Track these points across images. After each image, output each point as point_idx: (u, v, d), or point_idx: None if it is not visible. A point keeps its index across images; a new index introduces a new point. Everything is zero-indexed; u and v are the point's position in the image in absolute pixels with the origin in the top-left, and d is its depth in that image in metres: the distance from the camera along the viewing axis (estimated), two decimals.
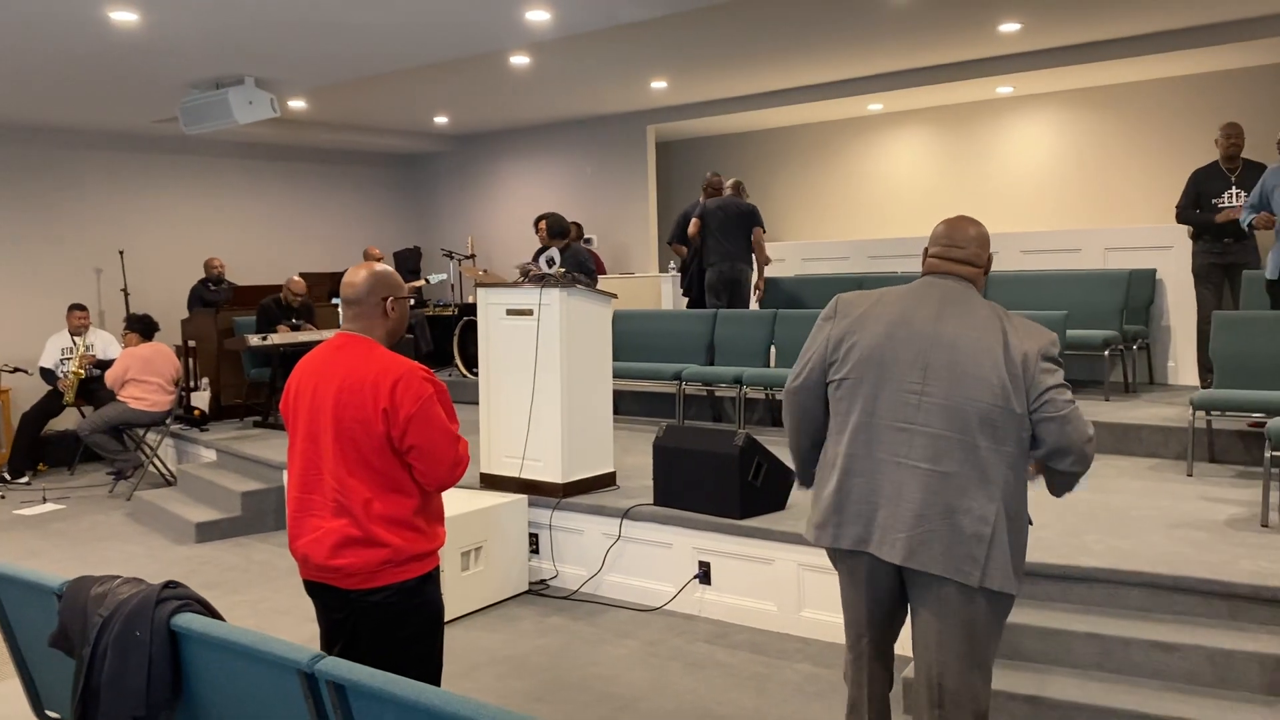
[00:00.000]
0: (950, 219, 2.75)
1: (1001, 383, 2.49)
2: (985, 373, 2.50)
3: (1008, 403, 2.49)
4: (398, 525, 2.68)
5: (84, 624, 2.46)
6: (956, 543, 2.49)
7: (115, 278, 10.35)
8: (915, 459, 2.54)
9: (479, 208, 12.54)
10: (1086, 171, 9.92)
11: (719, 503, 4.88)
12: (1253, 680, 3.40)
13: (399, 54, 6.98)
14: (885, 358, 2.59)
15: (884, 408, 2.58)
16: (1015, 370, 2.50)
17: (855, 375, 2.63)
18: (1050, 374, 2.53)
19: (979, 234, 2.71)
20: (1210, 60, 8.67)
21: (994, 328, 2.56)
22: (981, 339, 2.54)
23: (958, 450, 2.50)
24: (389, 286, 2.79)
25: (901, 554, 2.53)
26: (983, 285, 2.72)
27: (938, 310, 2.61)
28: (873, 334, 2.63)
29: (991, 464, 2.50)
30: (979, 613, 2.54)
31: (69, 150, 10.13)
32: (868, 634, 2.74)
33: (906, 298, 2.66)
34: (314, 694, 2.04)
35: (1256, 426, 5.56)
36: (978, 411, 2.49)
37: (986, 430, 2.50)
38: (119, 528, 7.18)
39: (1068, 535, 4.27)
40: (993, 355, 2.51)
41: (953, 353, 2.54)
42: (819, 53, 8.36)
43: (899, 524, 2.54)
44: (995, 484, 2.50)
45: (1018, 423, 2.50)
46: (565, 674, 4.29)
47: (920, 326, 2.59)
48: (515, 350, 5.49)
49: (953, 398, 2.52)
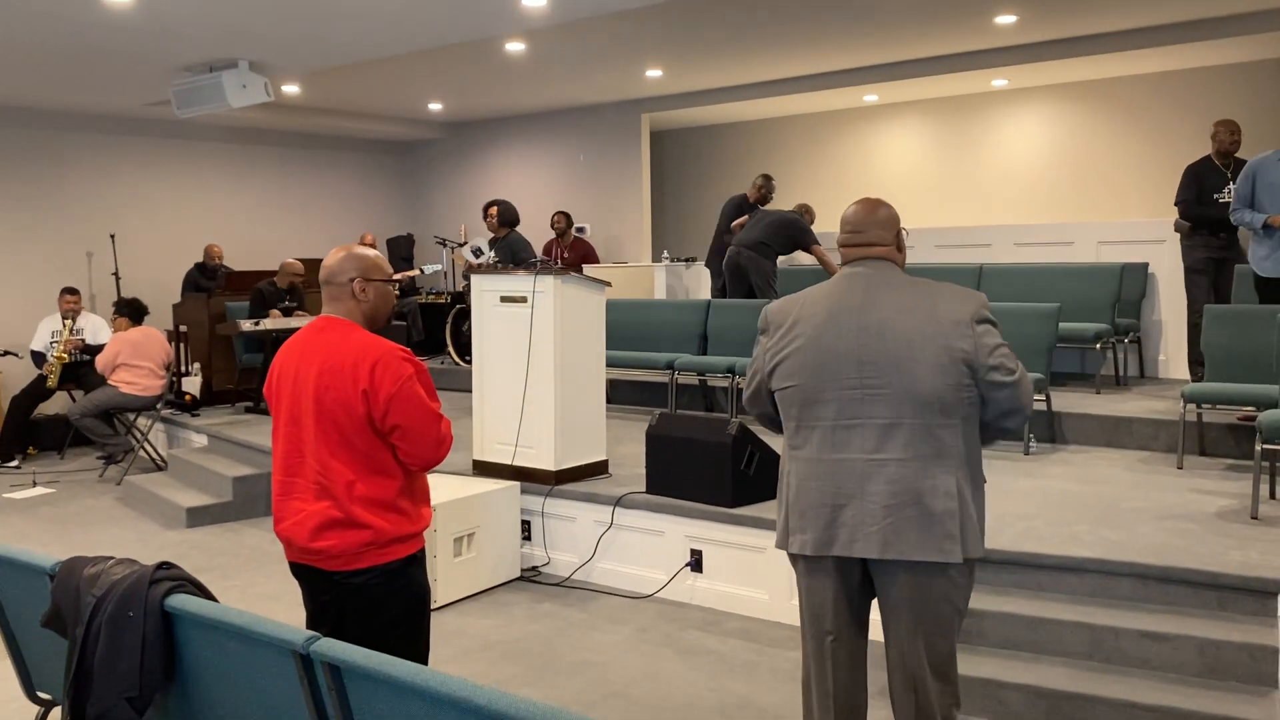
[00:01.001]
0: (857, 202, 2.72)
1: (941, 357, 2.48)
2: (921, 351, 2.49)
3: (950, 375, 2.47)
4: (380, 507, 2.67)
5: (77, 604, 2.45)
6: (931, 525, 2.48)
7: (106, 261, 10.30)
8: (870, 452, 2.53)
9: (472, 195, 12.50)
10: (1080, 165, 9.94)
11: (711, 491, 4.89)
12: (1242, 670, 3.42)
13: (394, 39, 6.95)
14: (820, 360, 2.57)
15: (829, 409, 2.57)
16: (952, 341, 2.48)
17: (795, 383, 2.61)
18: (990, 335, 2.51)
19: (882, 216, 2.68)
20: (1204, 55, 8.69)
21: (922, 303, 2.54)
22: (911, 318, 2.52)
23: (910, 434, 2.50)
24: (359, 268, 2.76)
25: (878, 547, 2.51)
26: (901, 261, 2.70)
27: (863, 300, 2.58)
28: (804, 337, 2.61)
29: (945, 438, 2.50)
30: (955, 584, 2.55)
31: (61, 133, 10.07)
32: (834, 632, 2.67)
33: (831, 295, 2.63)
34: (309, 675, 2.04)
35: (1247, 420, 5.59)
36: (922, 391, 2.48)
37: (934, 407, 2.48)
38: (109, 512, 7.16)
39: (1058, 526, 4.29)
40: (925, 331, 2.49)
41: (884, 340, 2.52)
42: (814, 43, 8.35)
43: (868, 519, 2.52)
44: (952, 456, 2.50)
45: (964, 392, 2.49)
46: (557, 660, 4.30)
47: (848, 320, 2.57)
48: (509, 337, 5.48)
49: (894, 384, 2.50)
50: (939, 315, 2.51)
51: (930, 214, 10.68)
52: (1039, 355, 6.17)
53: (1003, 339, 2.54)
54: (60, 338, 8.81)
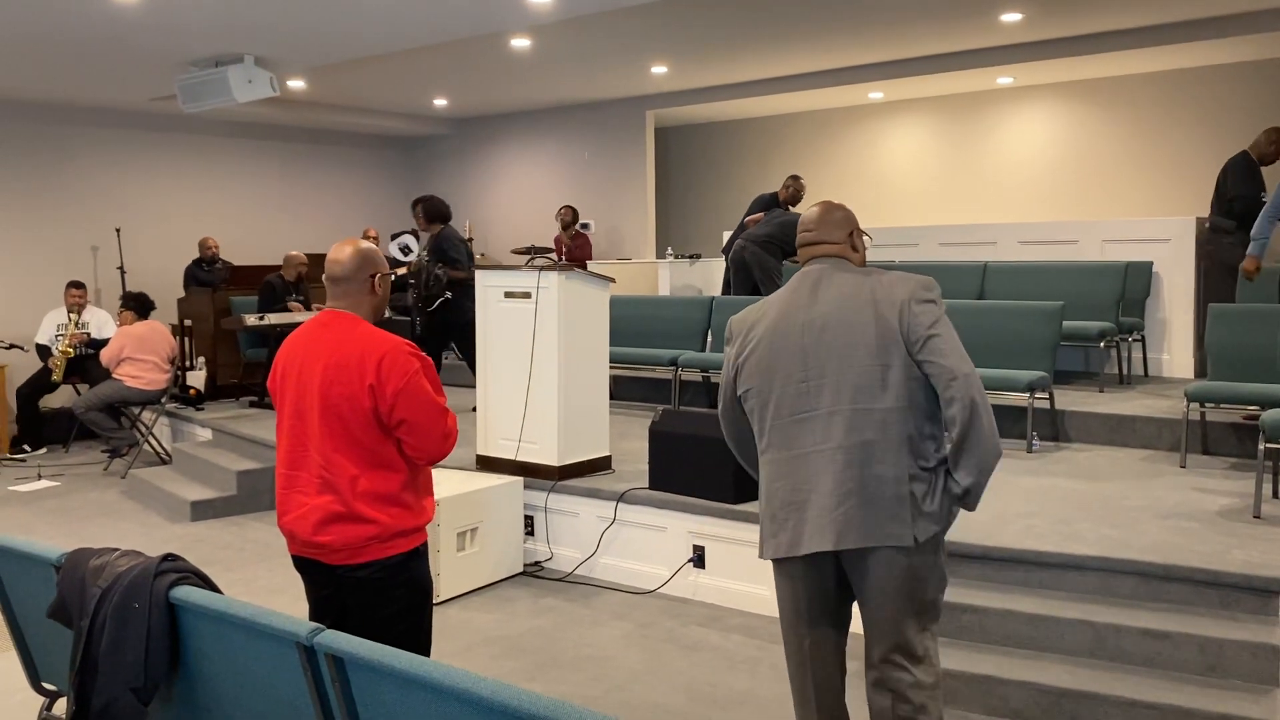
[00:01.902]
0: (814, 205, 2.78)
1: (877, 339, 2.49)
2: (860, 335, 2.51)
3: (886, 356, 2.49)
4: (384, 501, 2.69)
5: (82, 596, 2.46)
6: (881, 510, 2.48)
7: (112, 255, 10.32)
8: (819, 444, 2.55)
9: (477, 191, 12.51)
10: (1085, 163, 9.92)
11: (714, 487, 4.89)
12: (1243, 668, 3.43)
13: (400, 34, 6.96)
14: (772, 358, 2.62)
15: (782, 406, 2.60)
16: (890, 322, 2.50)
17: (754, 383, 2.66)
18: (926, 313, 2.51)
19: (836, 218, 2.71)
20: (1211, 54, 8.67)
21: (863, 290, 2.57)
22: (851, 305, 2.55)
23: (855, 420, 2.50)
24: (376, 263, 2.81)
25: (833, 539, 2.51)
26: (860, 261, 2.72)
27: (809, 297, 2.63)
28: (761, 340, 2.65)
29: (888, 421, 2.49)
30: (917, 567, 2.54)
31: (67, 127, 10.09)
32: (809, 634, 2.67)
33: (785, 296, 2.68)
34: (312, 667, 2.05)
35: (1250, 419, 5.58)
36: (864, 376, 2.50)
37: (876, 391, 2.49)
38: (114, 505, 7.18)
39: (1060, 524, 4.29)
40: (864, 315, 2.52)
41: (824, 330, 2.55)
42: (820, 40, 8.35)
43: (823, 511, 2.53)
44: (897, 439, 2.50)
45: (905, 373, 2.49)
46: (559, 655, 4.31)
47: (796, 317, 2.61)
48: (513, 333, 5.49)
49: (835, 372, 2.53)
50: (876, 297, 2.54)
51: (935, 212, 10.67)
52: (1043, 353, 6.17)
53: (943, 322, 2.52)
54: (65, 331, 8.83)
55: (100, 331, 8.93)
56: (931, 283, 2.57)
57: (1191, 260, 7.35)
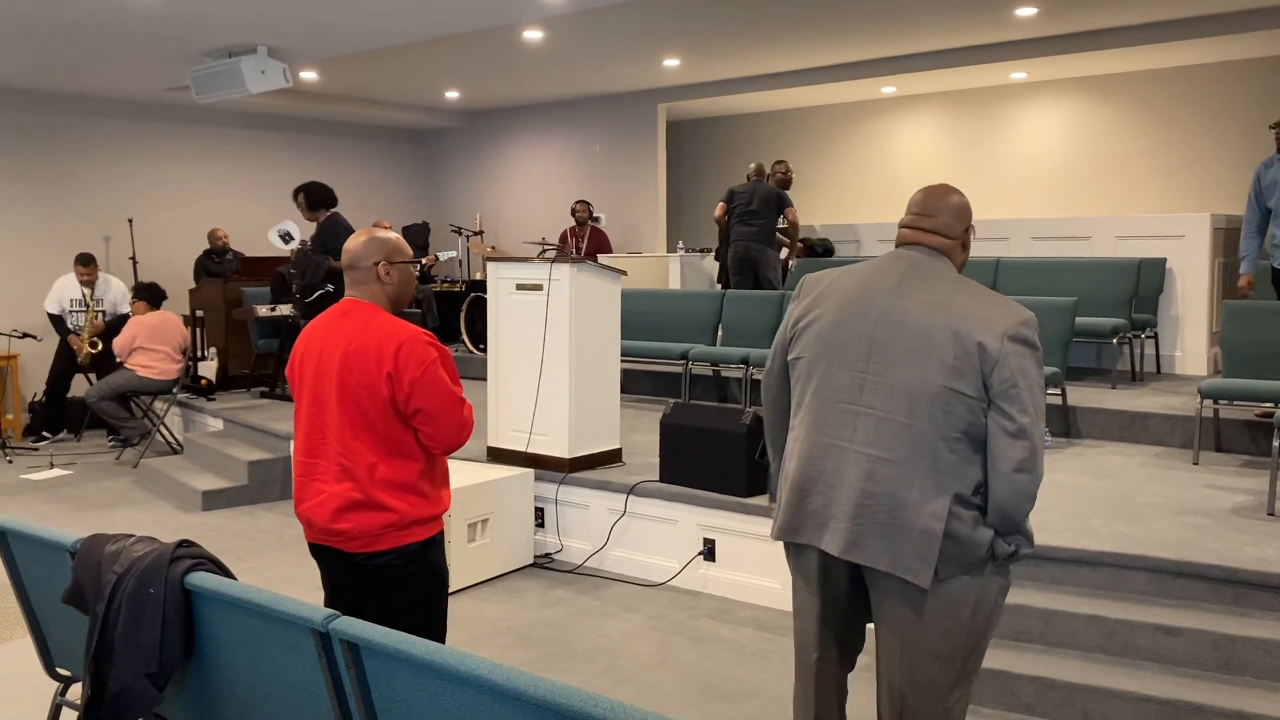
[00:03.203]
0: (928, 187, 2.49)
1: (955, 360, 2.23)
2: (936, 349, 2.25)
3: (960, 383, 2.23)
4: (401, 489, 2.70)
5: (98, 581, 2.47)
6: (903, 538, 2.25)
7: (124, 246, 10.35)
8: (858, 444, 2.32)
9: (488, 184, 12.51)
10: (1098, 159, 9.88)
11: (725, 480, 4.89)
12: (1257, 665, 3.41)
13: (413, 26, 6.95)
14: (836, 334, 2.39)
15: (831, 388, 2.38)
16: (972, 349, 2.22)
17: (808, 354, 2.44)
18: (1020, 358, 2.22)
19: (956, 203, 2.43)
20: (1224, 49, 8.61)
21: (958, 302, 2.29)
22: (937, 313, 2.28)
23: (904, 435, 2.26)
24: (383, 251, 2.79)
25: (840, 545, 2.31)
26: (960, 260, 2.46)
27: (896, 283, 2.36)
28: (828, 310, 2.42)
29: (942, 452, 2.24)
30: (942, 615, 2.28)
31: (80, 116, 10.11)
32: (819, 650, 2.48)
33: (869, 271, 2.43)
34: (327, 653, 2.05)
35: (1265, 417, 5.56)
36: (927, 393, 2.24)
37: (936, 414, 2.24)
38: (126, 494, 7.21)
39: (1073, 520, 4.28)
40: (948, 330, 2.25)
41: (902, 329, 2.30)
42: (832, 34, 8.32)
43: (840, 513, 2.32)
44: (948, 475, 2.24)
45: (970, 406, 2.23)
46: (569, 646, 4.32)
47: (874, 301, 2.36)
48: (524, 325, 5.49)
49: (899, 377, 2.28)
50: (970, 317, 2.25)
51: None
52: (1056, 350, 6.15)
53: (1032, 371, 2.23)
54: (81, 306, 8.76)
55: (117, 308, 8.85)
56: (1032, 319, 2.27)
57: (1206, 257, 7.32)
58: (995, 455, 2.24)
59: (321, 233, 7.23)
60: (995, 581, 2.34)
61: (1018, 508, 2.25)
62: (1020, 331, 2.24)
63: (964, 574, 2.28)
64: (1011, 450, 2.22)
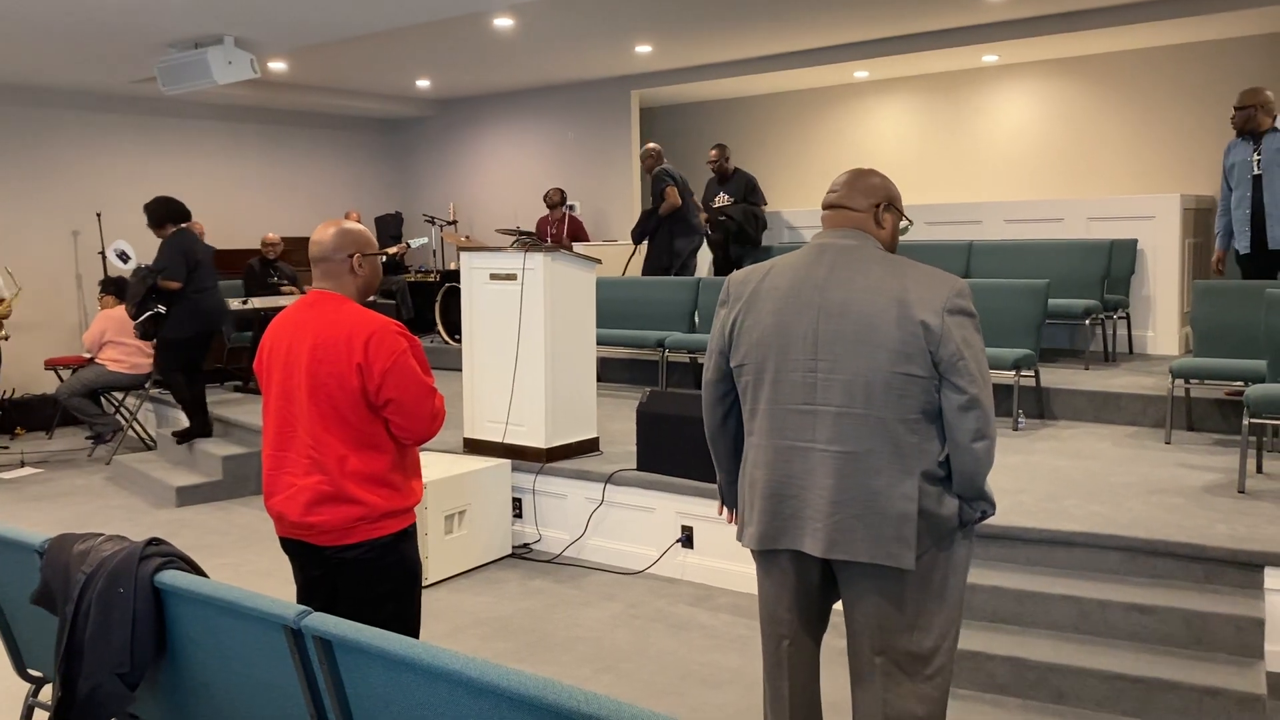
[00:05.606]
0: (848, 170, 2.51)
1: (902, 343, 2.25)
2: (882, 336, 2.26)
3: (911, 365, 2.25)
4: (372, 482, 2.68)
5: (66, 581, 2.44)
6: (882, 526, 2.28)
7: (93, 240, 10.22)
8: (822, 442, 2.32)
9: (461, 173, 12.44)
10: (1070, 141, 9.93)
11: (702, 468, 4.89)
12: (1227, 642, 3.46)
13: (382, 15, 6.89)
14: (778, 337, 2.37)
15: (784, 391, 2.37)
16: (917, 328, 2.25)
17: (752, 360, 2.42)
18: (962, 328, 2.27)
19: (864, 183, 2.44)
20: (1196, 30, 8.67)
21: (892, 283, 2.30)
22: (875, 298, 2.29)
23: (864, 426, 2.28)
24: (356, 243, 2.78)
25: (823, 545, 2.32)
26: (886, 239, 2.44)
27: (826, 275, 2.35)
28: (764, 312, 2.41)
29: (903, 435, 2.28)
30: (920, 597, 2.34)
31: (45, 109, 9.97)
32: (790, 635, 2.50)
33: (796, 266, 2.41)
34: (300, 650, 2.04)
35: (1234, 395, 5.62)
36: (880, 380, 2.27)
37: (892, 399, 2.27)
38: (98, 491, 7.15)
39: (1047, 500, 4.31)
40: (889, 314, 2.26)
41: (843, 320, 2.30)
42: (805, 18, 8.31)
43: (815, 514, 2.33)
44: (912, 457, 2.29)
45: (924, 386, 2.27)
46: (548, 635, 4.32)
47: (809, 296, 2.35)
48: (499, 315, 5.47)
49: (850, 369, 2.29)
50: (908, 297, 2.27)
51: (920, 190, 10.66)
52: (1028, 331, 6.18)
53: (974, 339, 2.29)
54: None
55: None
56: (966, 288, 2.32)
57: (1177, 237, 7.38)
58: (952, 428, 2.30)
59: (159, 251, 6.77)
60: (963, 546, 2.42)
61: (980, 473, 2.33)
62: (957, 303, 2.29)
63: (934, 547, 2.35)
64: (966, 421, 2.28)
